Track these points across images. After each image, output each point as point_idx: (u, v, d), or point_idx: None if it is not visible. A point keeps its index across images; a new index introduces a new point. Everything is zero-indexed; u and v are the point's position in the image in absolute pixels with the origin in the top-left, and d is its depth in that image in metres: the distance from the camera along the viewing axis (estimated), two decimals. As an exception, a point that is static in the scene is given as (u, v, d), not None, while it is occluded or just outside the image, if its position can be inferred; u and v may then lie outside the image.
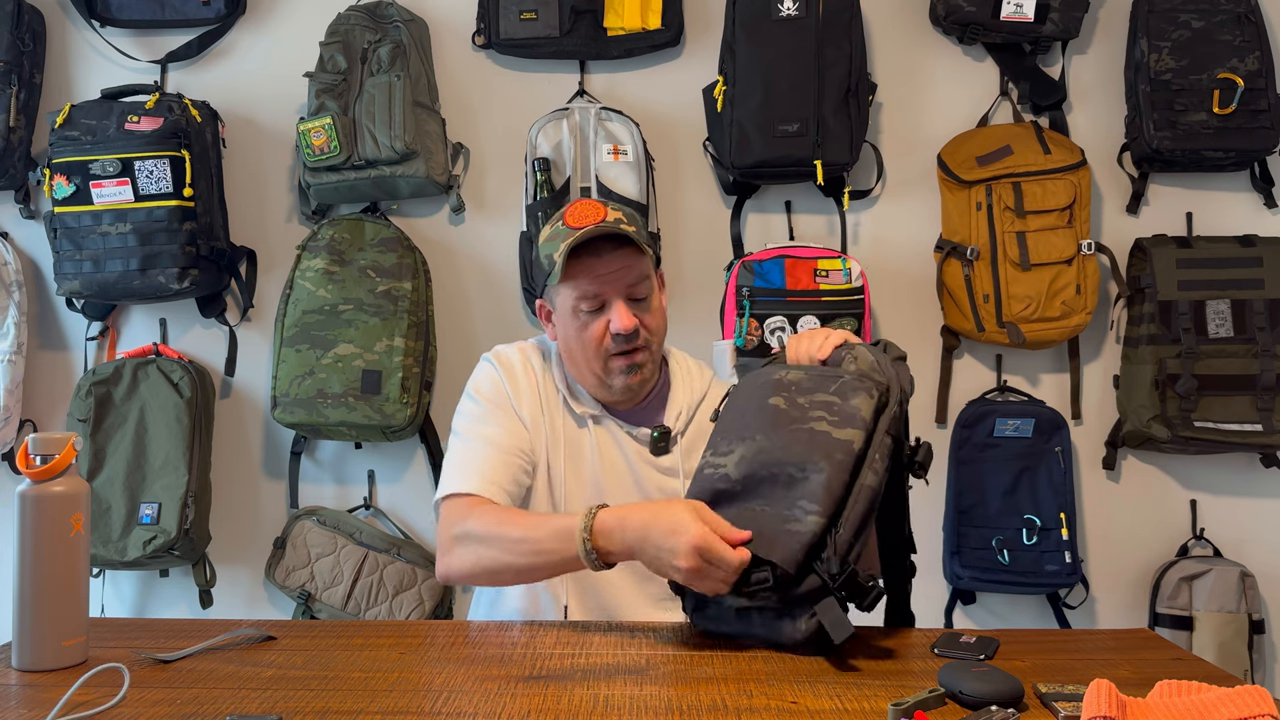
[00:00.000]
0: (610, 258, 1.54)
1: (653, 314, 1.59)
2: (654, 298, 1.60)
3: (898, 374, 1.34)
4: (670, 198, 2.64)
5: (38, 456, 1.21)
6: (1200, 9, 2.51)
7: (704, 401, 1.68)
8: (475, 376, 1.67)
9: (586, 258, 1.54)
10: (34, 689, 1.13)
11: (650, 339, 1.58)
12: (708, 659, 1.23)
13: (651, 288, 1.59)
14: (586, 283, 1.54)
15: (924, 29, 2.66)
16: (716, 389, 1.70)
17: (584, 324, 1.56)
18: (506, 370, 1.64)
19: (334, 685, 1.13)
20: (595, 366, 1.58)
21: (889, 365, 1.35)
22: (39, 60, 2.66)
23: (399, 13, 2.58)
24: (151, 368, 2.53)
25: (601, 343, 1.55)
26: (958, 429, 2.53)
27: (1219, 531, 2.59)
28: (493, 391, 1.62)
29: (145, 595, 2.68)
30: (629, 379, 1.57)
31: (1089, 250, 2.46)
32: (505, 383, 1.62)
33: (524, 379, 1.63)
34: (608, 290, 1.54)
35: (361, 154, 2.47)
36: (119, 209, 2.44)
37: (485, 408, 1.61)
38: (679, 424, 1.63)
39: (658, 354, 1.62)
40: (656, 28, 2.57)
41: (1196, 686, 1.01)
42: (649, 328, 1.58)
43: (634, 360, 1.56)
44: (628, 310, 1.55)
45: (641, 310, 1.57)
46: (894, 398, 1.31)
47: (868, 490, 1.25)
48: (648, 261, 1.58)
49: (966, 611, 2.61)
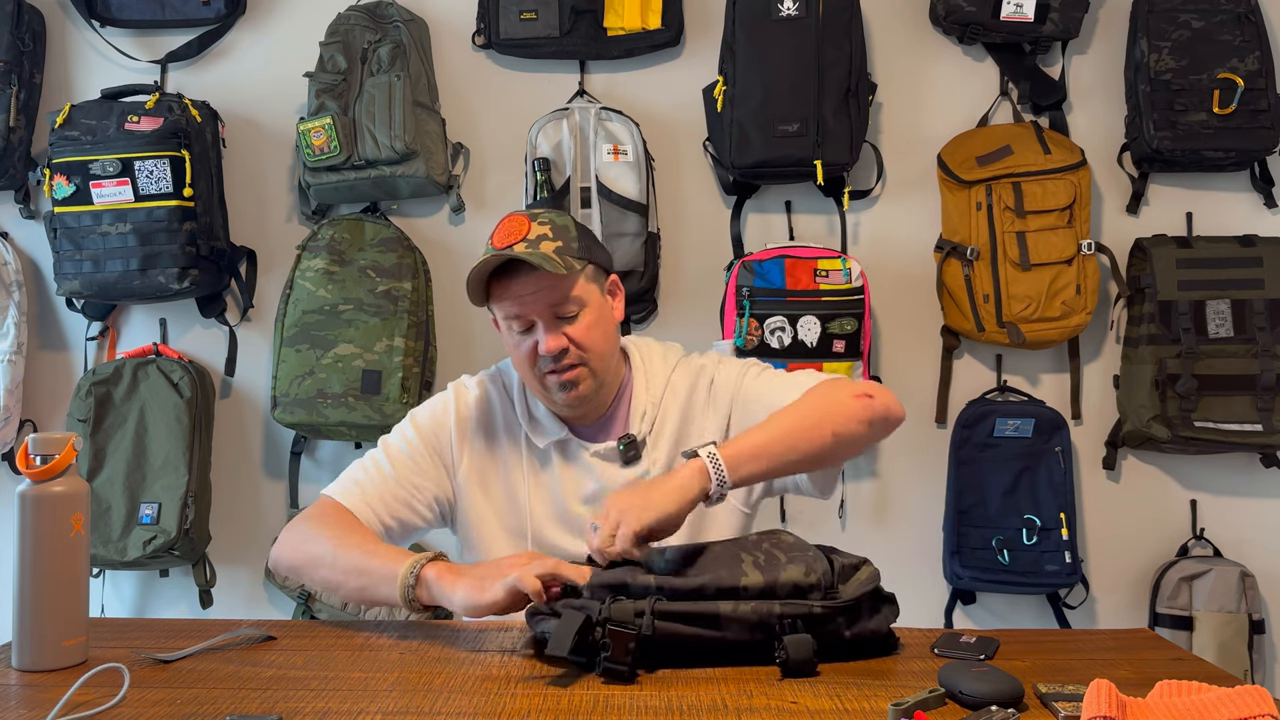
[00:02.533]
0: (527, 280, 1.48)
1: (587, 330, 1.51)
2: (587, 314, 1.52)
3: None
4: (670, 198, 2.64)
5: (38, 456, 1.21)
6: (1200, 9, 2.50)
7: (669, 386, 1.60)
8: (426, 406, 1.64)
9: (505, 279, 1.50)
10: (34, 689, 1.13)
11: (585, 356, 1.51)
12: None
13: (582, 305, 1.51)
14: (509, 305, 1.50)
15: (924, 29, 2.66)
16: (686, 366, 1.63)
17: (517, 343, 1.53)
18: (460, 418, 1.60)
19: (334, 685, 1.13)
20: (533, 384, 1.55)
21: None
22: (39, 60, 2.66)
23: (399, 13, 2.57)
24: (151, 368, 2.53)
25: (534, 361, 1.51)
26: (958, 429, 2.53)
27: (1219, 531, 2.59)
28: (430, 431, 1.60)
29: (145, 595, 2.68)
30: (566, 395, 1.52)
31: (1089, 250, 2.46)
32: (453, 427, 1.59)
33: (478, 424, 1.60)
34: (528, 312, 1.50)
35: (361, 154, 2.47)
36: (119, 209, 2.44)
37: (412, 441, 1.59)
38: (644, 425, 1.57)
39: (602, 367, 1.54)
40: (656, 28, 2.57)
41: (1196, 686, 1.01)
42: (582, 345, 1.51)
43: (567, 378, 1.51)
44: (553, 332, 1.49)
45: (572, 328, 1.51)
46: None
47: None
48: (573, 279, 1.50)
49: (966, 611, 2.61)
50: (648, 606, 1.16)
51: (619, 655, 1.14)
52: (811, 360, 2.42)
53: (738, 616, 1.18)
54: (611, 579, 1.22)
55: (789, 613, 1.18)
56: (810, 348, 2.43)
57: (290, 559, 1.51)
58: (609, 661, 1.13)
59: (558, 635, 1.14)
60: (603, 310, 1.55)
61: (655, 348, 1.67)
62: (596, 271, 1.56)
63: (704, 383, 1.61)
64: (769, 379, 1.59)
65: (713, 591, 1.19)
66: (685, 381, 1.61)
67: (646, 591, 1.19)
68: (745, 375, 1.60)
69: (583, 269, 1.52)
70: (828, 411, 1.44)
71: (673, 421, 1.59)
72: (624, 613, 1.15)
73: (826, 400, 1.47)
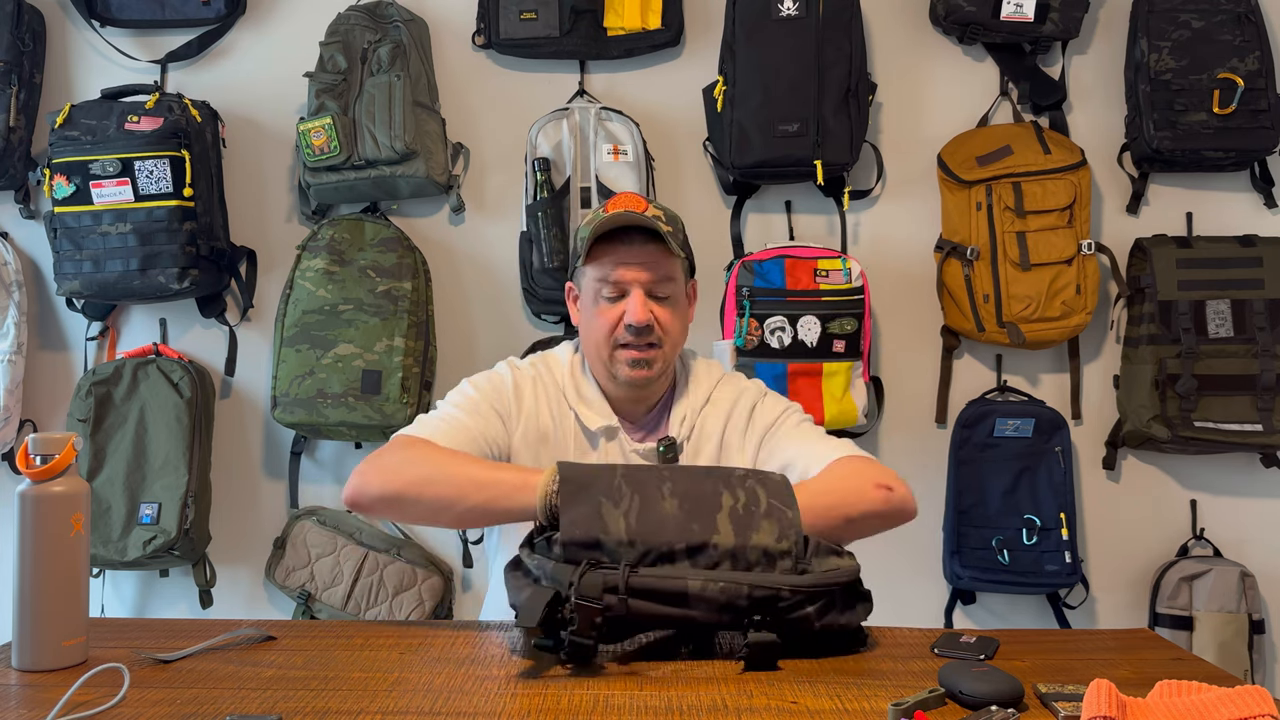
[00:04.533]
0: (638, 248, 1.54)
1: (672, 316, 1.57)
2: (676, 301, 1.58)
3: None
4: (670, 198, 2.64)
5: (38, 456, 1.21)
6: (1200, 9, 2.50)
7: (710, 399, 1.64)
8: (482, 375, 1.65)
9: (615, 244, 1.54)
10: (34, 689, 1.13)
11: (664, 339, 1.55)
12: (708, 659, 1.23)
13: (676, 291, 1.57)
14: (610, 266, 1.54)
15: (924, 29, 2.66)
16: (729, 384, 1.66)
17: (602, 308, 1.56)
18: (517, 386, 1.61)
19: (334, 685, 1.13)
20: (604, 353, 1.57)
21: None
22: (39, 60, 2.66)
23: (399, 13, 2.58)
24: (151, 368, 2.53)
25: (614, 330, 1.55)
26: (958, 429, 2.53)
27: (1219, 531, 2.59)
28: (490, 391, 1.60)
29: (145, 595, 2.68)
30: (634, 372, 1.54)
31: (1089, 250, 2.46)
32: (511, 396, 1.60)
33: (531, 400, 1.61)
34: (628, 278, 1.54)
35: (361, 154, 2.47)
36: (119, 209, 2.44)
37: (474, 397, 1.59)
38: (683, 429, 1.60)
39: (670, 357, 1.59)
40: (656, 28, 2.57)
41: (1196, 686, 1.01)
42: (664, 327, 1.55)
43: (643, 356, 1.54)
44: (645, 303, 1.53)
45: (660, 307, 1.55)
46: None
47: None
48: (676, 264, 1.57)
49: (966, 611, 2.61)
50: (620, 581, 1.17)
51: (584, 629, 1.15)
52: (811, 360, 2.42)
53: (706, 596, 1.19)
54: (583, 535, 1.20)
55: (758, 595, 1.19)
56: (810, 348, 2.43)
57: (386, 486, 1.43)
58: (574, 635, 1.15)
59: (527, 607, 1.17)
60: (685, 305, 1.62)
61: (700, 361, 1.71)
62: (687, 269, 1.62)
63: (744, 407, 1.62)
64: (802, 435, 1.59)
65: (682, 550, 1.21)
66: (728, 398, 1.63)
67: (619, 548, 1.20)
68: (785, 420, 1.61)
69: (683, 259, 1.58)
70: (845, 496, 1.44)
71: (713, 442, 1.61)
72: (593, 587, 1.16)
73: (846, 484, 1.46)
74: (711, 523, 1.23)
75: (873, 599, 1.29)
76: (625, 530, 1.21)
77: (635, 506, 1.24)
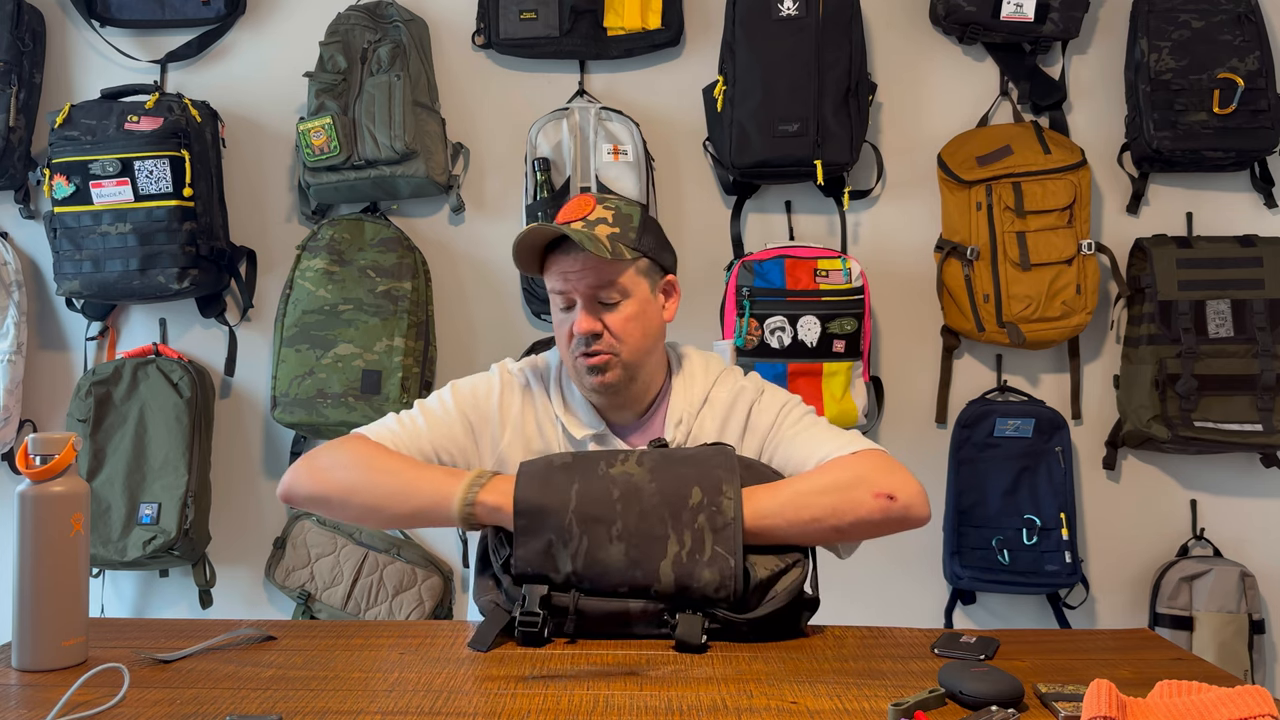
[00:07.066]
0: (575, 257, 1.49)
1: (624, 321, 1.51)
2: (629, 305, 1.52)
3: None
4: (670, 198, 2.64)
5: (38, 456, 1.21)
6: (1200, 9, 2.51)
7: (708, 399, 1.59)
8: (469, 381, 1.62)
9: (559, 253, 1.52)
10: (34, 689, 1.13)
11: (617, 346, 1.51)
12: (707, 659, 1.23)
13: (625, 295, 1.51)
14: (556, 278, 1.52)
15: (924, 29, 2.66)
16: (726, 382, 1.61)
17: (560, 320, 1.55)
18: (504, 395, 1.59)
19: (334, 685, 1.13)
20: (569, 362, 1.55)
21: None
22: (39, 60, 2.66)
23: (399, 13, 2.58)
24: (151, 368, 2.53)
25: (570, 339, 1.53)
26: (958, 429, 2.53)
27: (1219, 531, 2.59)
28: (470, 403, 1.58)
29: (145, 595, 2.68)
30: (593, 378, 1.51)
31: (1089, 250, 2.46)
32: (496, 404, 1.57)
33: (518, 407, 1.58)
34: (570, 289, 1.51)
35: (361, 154, 2.47)
36: (119, 209, 2.44)
37: (449, 408, 1.57)
38: (678, 433, 1.56)
39: (633, 362, 1.53)
40: (656, 28, 2.57)
41: (1196, 686, 1.01)
42: (616, 335, 1.51)
43: (596, 363, 1.51)
44: (588, 314, 1.50)
45: (611, 313, 1.51)
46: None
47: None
48: (623, 267, 1.51)
49: (966, 611, 2.61)
50: (570, 603, 1.31)
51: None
52: (811, 360, 2.42)
53: (645, 614, 1.32)
54: (534, 572, 1.33)
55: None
56: (810, 347, 2.43)
57: (315, 488, 1.47)
58: (524, 628, 1.29)
59: (481, 633, 1.29)
60: (647, 306, 1.55)
61: (697, 357, 1.66)
62: (651, 267, 1.56)
63: (743, 407, 1.57)
64: (804, 430, 1.54)
65: (625, 591, 1.32)
66: (725, 398, 1.58)
67: (566, 585, 1.32)
68: (784, 419, 1.56)
69: (634, 260, 1.52)
70: (838, 506, 1.39)
71: (695, 438, 1.56)
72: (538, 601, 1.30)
73: (843, 495, 1.39)
74: (654, 570, 1.31)
75: (819, 602, 1.41)
76: (573, 570, 1.32)
77: (583, 550, 1.32)
